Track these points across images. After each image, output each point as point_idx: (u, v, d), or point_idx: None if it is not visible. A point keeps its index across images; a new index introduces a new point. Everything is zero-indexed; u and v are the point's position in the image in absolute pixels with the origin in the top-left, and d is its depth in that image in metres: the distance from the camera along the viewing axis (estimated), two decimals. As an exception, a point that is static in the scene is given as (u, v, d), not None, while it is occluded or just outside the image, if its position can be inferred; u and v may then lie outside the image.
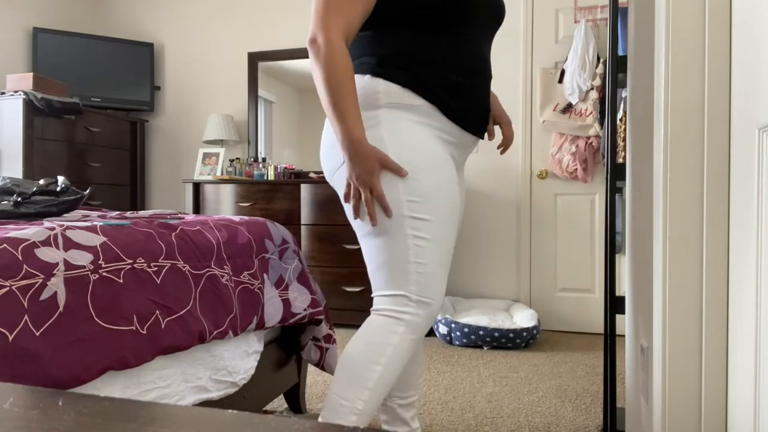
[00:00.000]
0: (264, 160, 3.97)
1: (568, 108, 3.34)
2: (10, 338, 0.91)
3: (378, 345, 1.19)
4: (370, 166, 1.12)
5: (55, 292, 1.00)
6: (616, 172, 1.68)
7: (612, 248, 1.72)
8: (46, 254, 1.02)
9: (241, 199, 3.57)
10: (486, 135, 1.44)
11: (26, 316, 0.95)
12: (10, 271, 0.95)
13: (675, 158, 1.13)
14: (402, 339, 1.19)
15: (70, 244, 1.08)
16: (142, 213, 1.70)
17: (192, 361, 1.33)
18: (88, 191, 1.56)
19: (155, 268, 1.23)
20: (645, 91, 1.34)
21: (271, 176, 3.70)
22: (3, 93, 3.27)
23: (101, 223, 1.23)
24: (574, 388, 2.31)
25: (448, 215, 1.20)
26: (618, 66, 1.66)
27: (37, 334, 0.95)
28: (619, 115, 2.30)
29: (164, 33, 4.30)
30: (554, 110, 3.37)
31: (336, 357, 1.82)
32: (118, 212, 1.79)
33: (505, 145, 1.46)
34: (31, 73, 3.28)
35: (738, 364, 1.03)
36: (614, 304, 1.70)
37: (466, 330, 2.93)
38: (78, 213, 1.64)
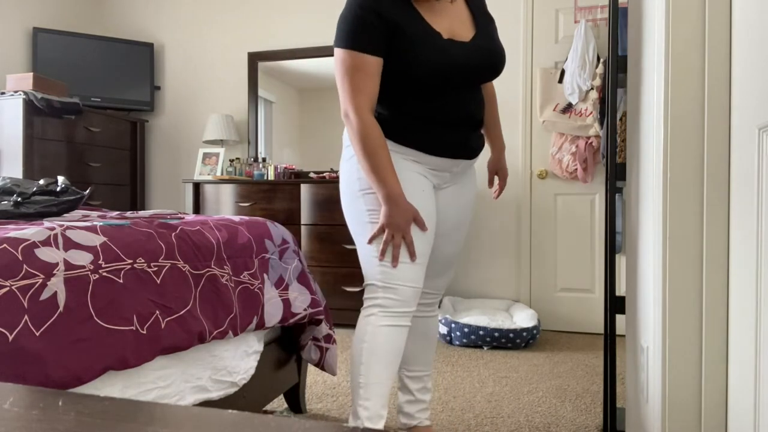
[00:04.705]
0: (264, 160, 3.97)
1: (568, 108, 3.34)
2: (10, 338, 0.92)
3: (359, 337, 1.41)
4: (408, 217, 1.35)
5: (55, 292, 1.00)
6: (616, 172, 1.68)
7: (612, 248, 1.72)
8: (46, 254, 1.02)
9: (241, 199, 3.57)
10: (489, 179, 1.75)
11: (26, 316, 0.95)
12: (10, 271, 0.95)
13: (675, 158, 1.13)
14: (377, 320, 1.38)
15: (70, 244, 1.08)
16: (142, 213, 1.70)
17: (192, 361, 1.33)
18: (88, 191, 1.55)
19: (155, 268, 1.23)
20: (645, 92, 1.34)
21: (271, 176, 3.70)
22: (3, 93, 3.27)
23: (101, 223, 1.23)
24: (574, 388, 2.31)
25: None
26: (618, 66, 1.66)
27: (37, 334, 0.95)
28: (619, 115, 2.30)
29: (164, 33, 4.30)
30: (554, 110, 3.37)
31: (336, 357, 1.82)
32: (118, 212, 1.79)
33: (498, 191, 1.71)
34: (31, 73, 3.28)
35: (738, 364, 1.03)
36: (614, 304, 1.70)
37: (466, 330, 2.93)
38: (78, 213, 1.64)
